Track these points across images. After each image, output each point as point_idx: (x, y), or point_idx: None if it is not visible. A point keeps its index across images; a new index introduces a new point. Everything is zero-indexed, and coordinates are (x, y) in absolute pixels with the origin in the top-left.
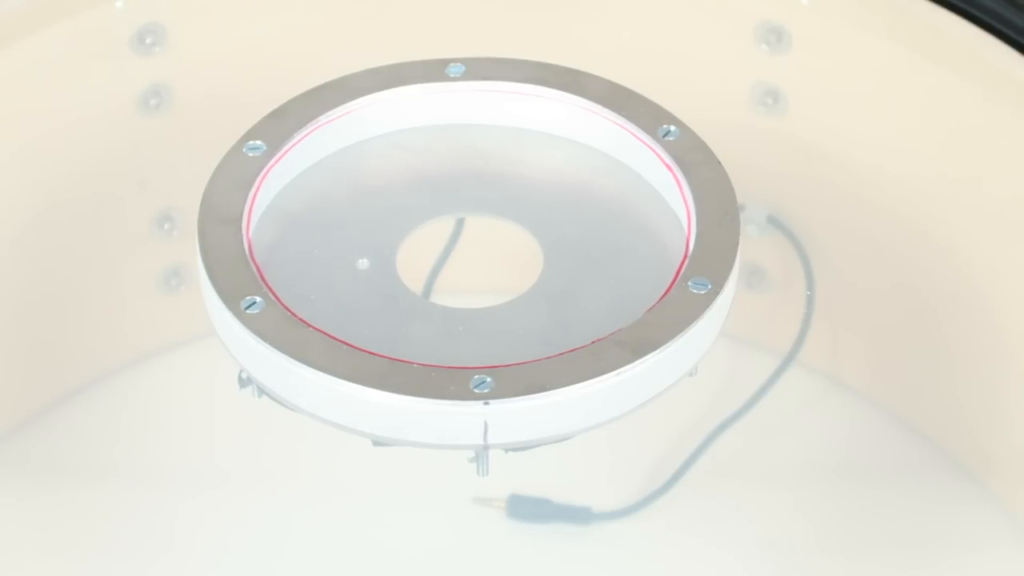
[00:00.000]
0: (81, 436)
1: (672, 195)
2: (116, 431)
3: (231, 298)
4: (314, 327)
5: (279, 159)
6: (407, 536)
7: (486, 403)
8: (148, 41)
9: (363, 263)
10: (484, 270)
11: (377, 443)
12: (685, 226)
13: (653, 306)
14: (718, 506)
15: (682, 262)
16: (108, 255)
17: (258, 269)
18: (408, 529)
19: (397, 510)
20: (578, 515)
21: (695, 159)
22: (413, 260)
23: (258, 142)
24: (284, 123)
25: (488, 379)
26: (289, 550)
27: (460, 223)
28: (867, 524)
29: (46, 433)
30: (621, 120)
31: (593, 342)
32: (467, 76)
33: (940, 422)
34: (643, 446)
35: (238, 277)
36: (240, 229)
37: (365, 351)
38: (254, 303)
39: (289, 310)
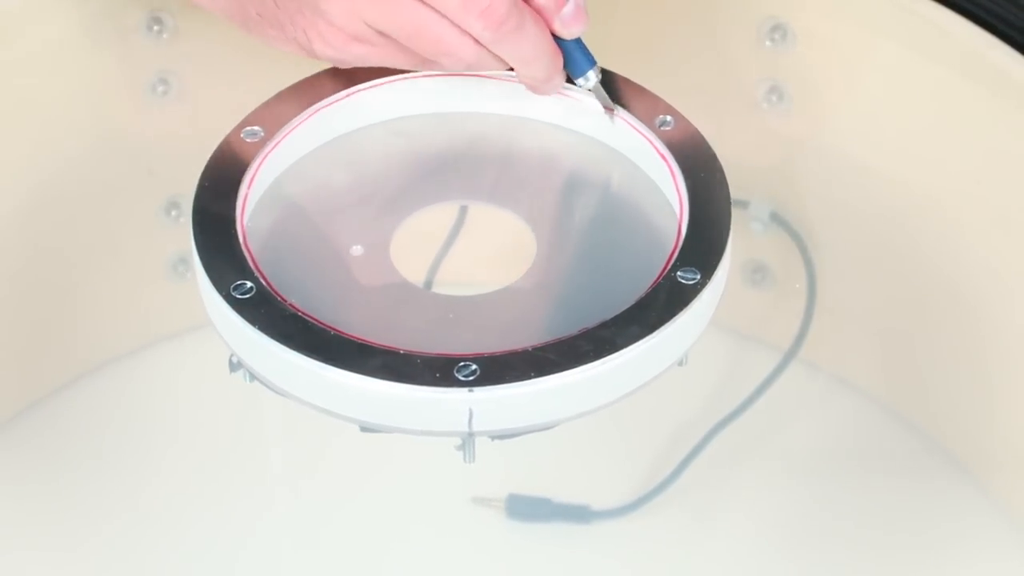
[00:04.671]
0: (79, 423)
1: (666, 185)
2: (115, 418)
3: (221, 282)
4: (303, 312)
5: (276, 145)
6: (406, 536)
7: (470, 390)
8: (156, 28)
9: (357, 249)
10: (478, 258)
11: (365, 429)
12: (678, 216)
13: (642, 296)
14: (718, 503)
15: (672, 252)
16: (115, 242)
17: (250, 254)
18: (407, 529)
19: (396, 510)
20: (577, 513)
21: (690, 149)
22: (407, 248)
23: (256, 127)
24: (283, 109)
25: (474, 366)
26: (286, 547)
27: (463, 211)
28: (866, 522)
29: (50, 417)
30: (618, 109)
31: (580, 331)
32: None
33: (940, 419)
34: (643, 443)
35: (230, 261)
36: (234, 214)
37: (352, 337)
38: (244, 287)
39: (279, 295)
